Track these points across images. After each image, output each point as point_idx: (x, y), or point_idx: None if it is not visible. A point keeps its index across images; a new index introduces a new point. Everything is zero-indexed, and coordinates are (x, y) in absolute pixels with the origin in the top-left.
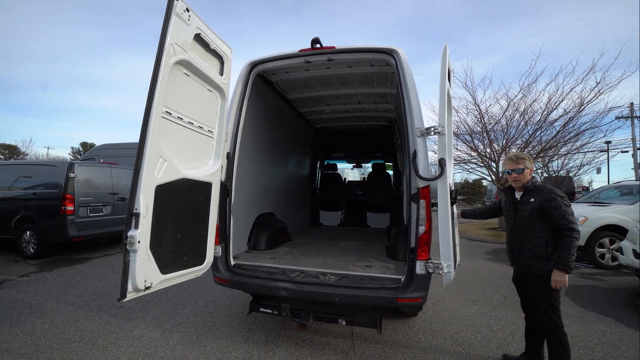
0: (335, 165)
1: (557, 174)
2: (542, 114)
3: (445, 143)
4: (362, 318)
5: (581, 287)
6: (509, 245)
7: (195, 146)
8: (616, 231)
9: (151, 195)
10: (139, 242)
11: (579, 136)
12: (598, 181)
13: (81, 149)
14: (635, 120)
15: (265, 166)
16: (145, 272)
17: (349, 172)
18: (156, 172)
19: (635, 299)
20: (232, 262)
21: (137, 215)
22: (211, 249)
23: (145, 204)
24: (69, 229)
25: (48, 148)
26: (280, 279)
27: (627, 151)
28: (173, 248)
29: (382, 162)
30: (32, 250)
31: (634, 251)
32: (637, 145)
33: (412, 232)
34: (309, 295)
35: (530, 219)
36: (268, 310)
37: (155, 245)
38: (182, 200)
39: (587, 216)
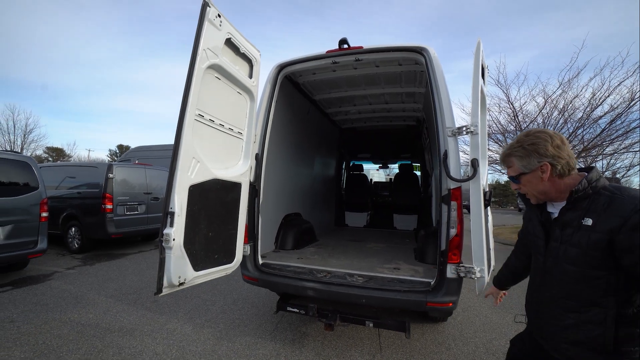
0: (361, 166)
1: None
2: (584, 110)
3: (478, 143)
4: (390, 321)
5: None
6: (532, 307)
7: (226, 147)
8: None
9: (185, 195)
10: (173, 239)
11: (629, 134)
12: None
13: (117, 151)
14: None
15: (292, 167)
16: (180, 269)
17: (374, 172)
18: (189, 173)
19: None
20: (260, 261)
21: (172, 214)
22: (240, 248)
23: (179, 203)
24: (108, 226)
25: (89, 150)
26: (308, 279)
27: None
28: (205, 246)
29: (410, 162)
30: (76, 245)
31: None
32: None
33: (442, 235)
34: (336, 296)
35: (585, 260)
36: (295, 310)
37: (189, 243)
38: (213, 200)
39: None
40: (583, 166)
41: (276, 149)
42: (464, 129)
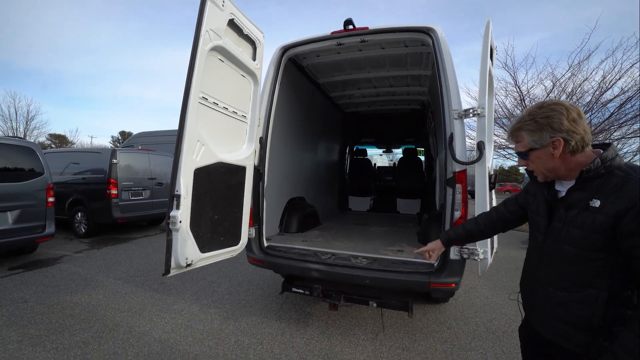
0: (365, 150)
1: None
2: (593, 94)
3: (484, 125)
4: (393, 301)
5: None
6: (527, 284)
7: (230, 131)
8: None
9: (190, 178)
10: (180, 222)
11: (637, 118)
12: None
13: (120, 138)
14: None
15: (295, 151)
16: (186, 250)
17: (377, 157)
18: (194, 156)
19: None
20: (265, 244)
21: (178, 196)
22: (246, 231)
23: (185, 186)
24: (114, 211)
25: (91, 137)
26: (312, 261)
27: None
28: (211, 228)
29: (414, 147)
30: (83, 229)
31: None
32: None
33: (446, 217)
34: (340, 277)
35: (586, 242)
36: (300, 290)
37: (195, 225)
38: (218, 183)
39: None
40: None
41: (280, 132)
42: (471, 111)
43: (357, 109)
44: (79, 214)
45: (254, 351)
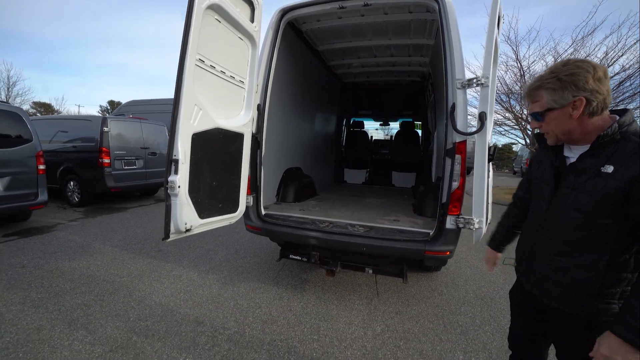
0: (362, 122)
1: None
2: None
3: (487, 96)
4: (388, 268)
5: None
6: (525, 250)
7: (228, 97)
8: None
9: (188, 143)
10: (179, 186)
11: (635, 96)
12: None
13: (109, 107)
14: None
15: (293, 120)
16: (186, 216)
17: (373, 132)
18: (192, 121)
19: None
20: (263, 212)
21: (176, 161)
22: (244, 198)
23: (183, 150)
24: (107, 180)
25: (79, 106)
26: (310, 229)
27: None
28: (209, 195)
29: (411, 120)
30: (76, 198)
31: None
32: None
33: (444, 188)
34: (338, 244)
35: (594, 209)
36: (297, 257)
37: (194, 191)
38: (216, 150)
39: None
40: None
41: (278, 101)
42: (475, 80)
43: (356, 80)
44: (72, 183)
45: (253, 314)
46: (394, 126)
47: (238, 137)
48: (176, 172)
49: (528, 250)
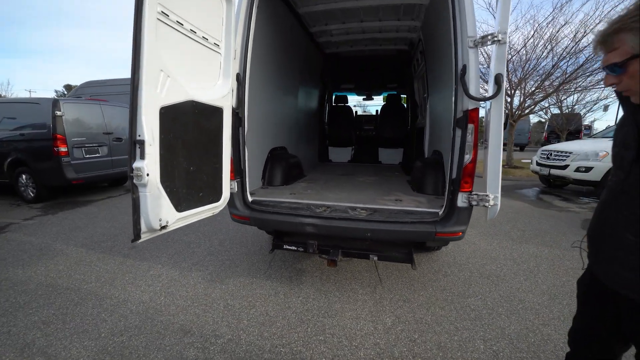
0: (346, 97)
1: (571, 109)
2: (573, 39)
3: (505, 54)
4: (395, 253)
5: None
6: (596, 229)
7: (201, 63)
8: None
9: (155, 119)
10: (147, 174)
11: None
12: (602, 120)
13: (65, 92)
14: None
15: (276, 94)
16: (159, 210)
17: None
18: (158, 90)
19: None
20: (250, 198)
21: (142, 143)
22: (227, 184)
23: (149, 129)
24: (66, 171)
25: (30, 91)
26: (306, 215)
27: None
28: (187, 183)
29: (396, 93)
30: (31, 194)
31: None
32: None
33: (454, 162)
34: (339, 231)
35: None
36: (293, 248)
37: (167, 180)
38: (191, 128)
39: (608, 151)
40: (556, 101)
41: (258, 71)
42: (489, 37)
43: (339, 50)
44: (24, 176)
45: (247, 315)
46: (375, 103)
47: (216, 112)
48: (142, 157)
49: (599, 228)
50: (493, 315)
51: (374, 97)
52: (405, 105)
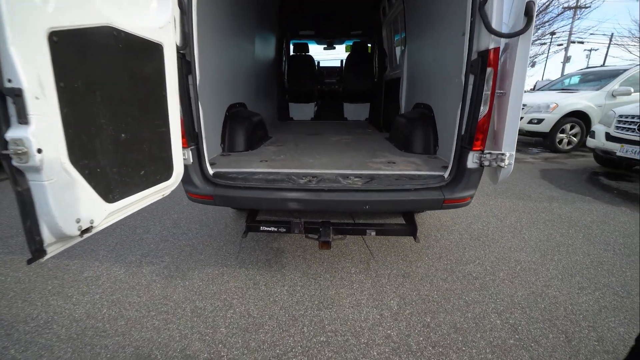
0: (306, 45)
1: None
2: None
3: None
4: (396, 226)
5: (550, 171)
6: None
7: None
8: (579, 117)
9: (43, 52)
10: (39, 150)
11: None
12: (529, 75)
13: None
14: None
15: (230, 39)
16: (75, 205)
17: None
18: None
19: (596, 178)
20: (211, 171)
21: (20, 94)
22: (179, 155)
23: (32, 69)
24: None
25: None
26: (287, 188)
27: (582, 42)
28: (118, 158)
29: (359, 40)
30: None
31: (607, 134)
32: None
33: (464, 115)
34: (331, 205)
35: None
36: (273, 229)
37: (82, 156)
38: (116, 72)
39: (557, 103)
40: None
41: (209, 3)
42: None
43: None
44: None
45: (224, 320)
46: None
47: (153, 50)
48: (24, 120)
49: None
50: (497, 281)
51: (335, 45)
52: (371, 55)
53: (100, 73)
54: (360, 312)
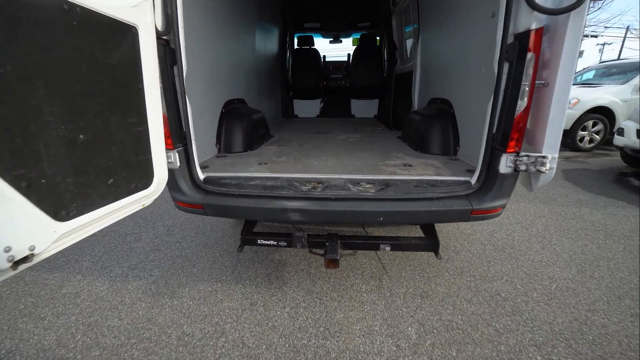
0: (311, 38)
1: None
2: None
3: None
4: (415, 241)
5: (573, 171)
6: None
7: None
8: (602, 113)
9: None
10: None
11: None
12: None
13: None
14: None
15: (226, 28)
16: (5, 228)
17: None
18: None
19: (625, 179)
20: (201, 176)
21: None
22: (162, 158)
23: None
24: None
25: None
26: (288, 196)
27: (596, 36)
28: (74, 164)
29: (366, 32)
30: None
31: (639, 131)
32: None
33: (497, 110)
34: (340, 217)
35: None
36: (272, 242)
37: (16, 164)
38: (68, 56)
39: (579, 98)
40: None
41: None
42: None
43: None
44: None
45: (215, 351)
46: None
47: (125, 32)
48: None
49: None
50: (530, 304)
51: (342, 39)
52: (380, 48)
53: (43, 57)
54: (372, 342)
